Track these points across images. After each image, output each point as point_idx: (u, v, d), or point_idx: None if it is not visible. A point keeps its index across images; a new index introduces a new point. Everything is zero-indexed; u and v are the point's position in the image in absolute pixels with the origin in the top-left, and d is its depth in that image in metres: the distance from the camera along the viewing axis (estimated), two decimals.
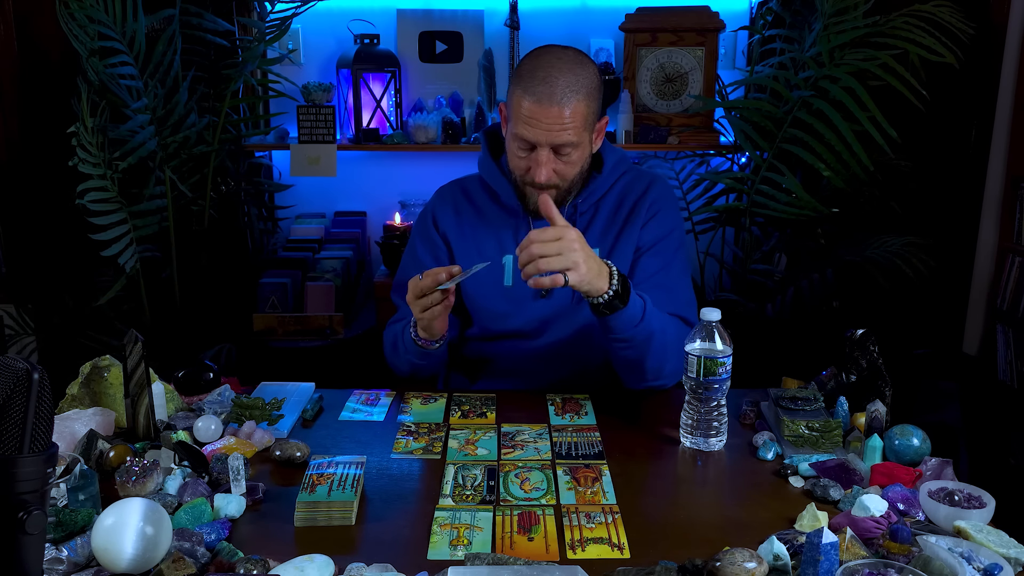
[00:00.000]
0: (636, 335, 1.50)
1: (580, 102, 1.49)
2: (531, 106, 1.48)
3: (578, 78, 1.50)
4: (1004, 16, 2.73)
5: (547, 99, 1.47)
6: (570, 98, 1.48)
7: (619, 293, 1.44)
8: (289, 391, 1.58)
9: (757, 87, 2.76)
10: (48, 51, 2.73)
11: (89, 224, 2.44)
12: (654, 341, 1.52)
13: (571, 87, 1.49)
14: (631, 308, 1.46)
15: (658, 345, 1.53)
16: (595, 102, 1.54)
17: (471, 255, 1.68)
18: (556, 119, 1.48)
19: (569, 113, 1.48)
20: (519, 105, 1.50)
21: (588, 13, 3.00)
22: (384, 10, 2.98)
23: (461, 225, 1.71)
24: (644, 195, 1.68)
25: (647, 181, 1.71)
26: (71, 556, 1.02)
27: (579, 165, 1.57)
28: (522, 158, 1.55)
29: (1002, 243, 2.84)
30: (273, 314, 2.75)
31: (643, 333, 1.50)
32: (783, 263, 2.84)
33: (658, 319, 1.52)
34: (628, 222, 1.66)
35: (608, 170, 1.66)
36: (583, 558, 1.08)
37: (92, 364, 1.44)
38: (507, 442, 1.40)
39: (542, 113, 1.48)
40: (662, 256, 1.65)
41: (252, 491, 1.21)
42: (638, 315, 1.48)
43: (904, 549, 1.03)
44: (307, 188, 3.08)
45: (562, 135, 1.49)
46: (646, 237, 1.65)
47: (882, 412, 1.35)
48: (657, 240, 1.65)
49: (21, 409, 0.78)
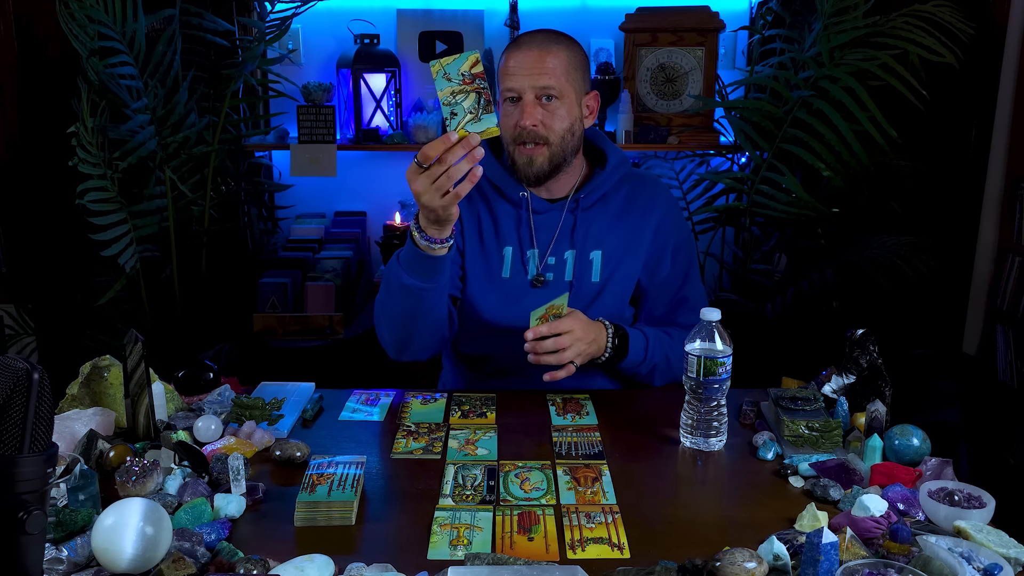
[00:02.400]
0: (641, 371, 1.64)
1: (560, 51, 1.57)
2: (514, 57, 1.57)
3: (559, 37, 1.61)
4: (1004, 16, 2.73)
5: (527, 45, 1.57)
6: (550, 45, 1.57)
7: (617, 347, 1.58)
8: (289, 391, 1.57)
9: (757, 87, 2.76)
10: (48, 51, 2.73)
11: (89, 224, 2.44)
12: (658, 370, 1.65)
13: (551, 39, 1.59)
14: (633, 354, 1.60)
15: (662, 370, 1.66)
16: (579, 66, 1.61)
17: (474, 240, 1.69)
18: (536, 62, 1.55)
19: (550, 58, 1.55)
20: (505, 66, 1.58)
21: (588, 13, 3.00)
22: (384, 10, 2.98)
23: (470, 204, 1.71)
24: (651, 204, 1.71)
25: (651, 188, 1.74)
26: (71, 556, 1.02)
27: (565, 120, 1.58)
28: (510, 115, 1.59)
29: (1002, 243, 2.83)
30: (273, 314, 2.75)
31: (647, 368, 1.64)
32: (783, 263, 2.84)
33: (662, 350, 1.64)
34: (637, 232, 1.69)
35: (612, 167, 1.68)
36: (583, 558, 1.08)
37: (92, 364, 1.44)
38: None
39: (523, 58, 1.56)
40: (678, 269, 1.72)
41: (252, 491, 1.21)
42: (640, 356, 1.61)
43: (904, 549, 1.03)
44: (307, 188, 3.08)
45: (543, 78, 1.55)
46: (662, 251, 1.71)
47: (882, 412, 1.35)
48: (674, 255, 1.71)
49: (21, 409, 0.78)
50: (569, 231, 1.67)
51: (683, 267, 1.72)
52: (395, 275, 1.50)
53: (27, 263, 2.81)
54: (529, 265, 1.67)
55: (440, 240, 1.43)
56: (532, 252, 1.67)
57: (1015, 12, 2.72)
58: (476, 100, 1.28)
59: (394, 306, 1.54)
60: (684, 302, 1.70)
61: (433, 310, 1.54)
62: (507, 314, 1.67)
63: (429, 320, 1.55)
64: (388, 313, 1.57)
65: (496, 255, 1.68)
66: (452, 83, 1.28)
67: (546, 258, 1.67)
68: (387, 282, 1.55)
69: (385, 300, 1.57)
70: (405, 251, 1.49)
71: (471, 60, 1.28)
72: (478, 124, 1.30)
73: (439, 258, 1.45)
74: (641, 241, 1.68)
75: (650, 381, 1.67)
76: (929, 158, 2.76)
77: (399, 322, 1.56)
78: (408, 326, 1.56)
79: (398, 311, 1.54)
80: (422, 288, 1.48)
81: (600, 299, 1.66)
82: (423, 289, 1.48)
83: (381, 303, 1.59)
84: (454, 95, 1.28)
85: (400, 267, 1.49)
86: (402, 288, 1.49)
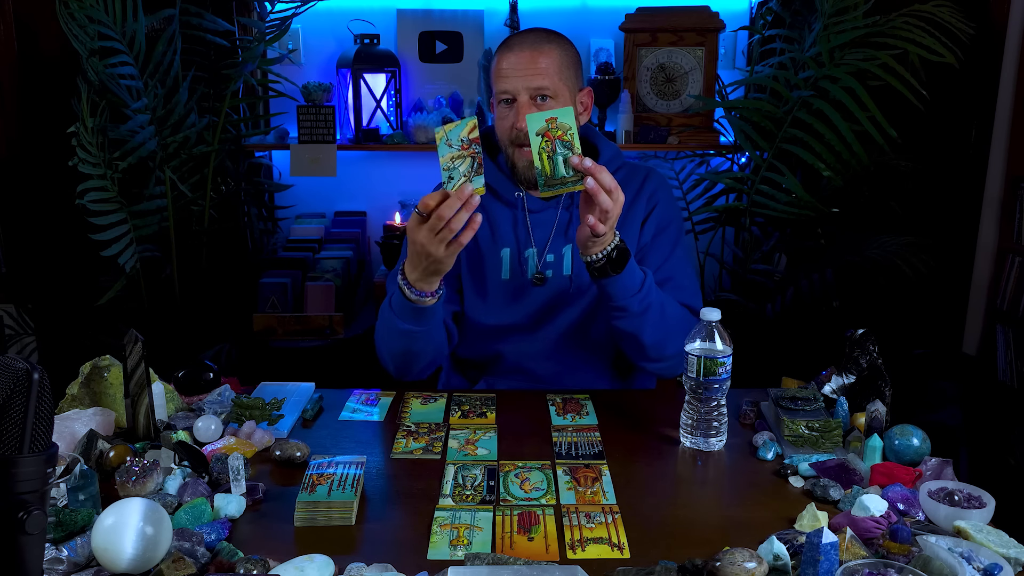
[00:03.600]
0: (631, 305, 1.51)
1: (553, 50, 1.57)
2: (506, 59, 1.57)
3: (550, 36, 1.61)
4: (1004, 16, 2.73)
5: (518, 46, 1.57)
6: (542, 45, 1.57)
7: (612, 259, 1.46)
8: (289, 391, 1.58)
9: (757, 87, 2.76)
10: (48, 51, 2.73)
11: (89, 224, 2.44)
12: (650, 314, 1.53)
13: (543, 38, 1.59)
14: (627, 277, 1.48)
15: (655, 319, 1.54)
16: (571, 64, 1.61)
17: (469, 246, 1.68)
18: (529, 63, 1.55)
19: (542, 58, 1.56)
20: (497, 68, 1.58)
21: (588, 13, 3.00)
22: (384, 10, 2.98)
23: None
24: (641, 188, 1.70)
25: (643, 174, 1.73)
26: (71, 556, 1.02)
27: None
28: (506, 117, 1.60)
29: (1002, 243, 2.84)
30: (273, 314, 2.75)
31: (640, 304, 1.52)
32: (783, 263, 2.84)
33: (658, 295, 1.55)
34: (628, 217, 1.67)
35: (604, 162, 1.67)
36: (583, 558, 1.08)
37: (92, 364, 1.44)
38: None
39: (516, 60, 1.56)
40: (663, 249, 1.67)
41: (252, 491, 1.21)
42: (636, 285, 1.50)
43: (904, 549, 1.03)
44: (307, 188, 3.08)
45: (536, 79, 1.55)
46: (647, 233, 1.68)
47: (882, 412, 1.35)
48: (657, 233, 1.68)
49: (21, 409, 0.78)
50: (565, 227, 1.67)
51: (669, 244, 1.67)
52: (388, 318, 1.53)
53: (27, 263, 2.81)
54: (528, 264, 1.67)
55: (430, 293, 1.46)
56: (531, 251, 1.67)
57: (1015, 12, 2.72)
58: (470, 164, 1.35)
59: (391, 342, 1.57)
60: (669, 281, 1.64)
61: (430, 343, 1.57)
62: (508, 315, 1.67)
63: (427, 350, 1.59)
64: (387, 345, 1.60)
65: (493, 258, 1.68)
66: (452, 149, 1.34)
67: (544, 256, 1.67)
68: (383, 320, 1.58)
69: (383, 334, 1.59)
70: (396, 301, 1.50)
71: (469, 126, 1.34)
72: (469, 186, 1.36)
73: (431, 307, 1.48)
74: (633, 225, 1.67)
75: (640, 331, 1.54)
76: (929, 158, 2.76)
77: (398, 354, 1.59)
78: (407, 357, 1.59)
79: (396, 347, 1.58)
80: (415, 331, 1.52)
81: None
82: (416, 332, 1.52)
83: (380, 336, 1.61)
84: (453, 160, 1.35)
85: (392, 313, 1.52)
86: (396, 330, 1.53)
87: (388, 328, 1.55)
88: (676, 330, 1.52)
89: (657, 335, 1.56)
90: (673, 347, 1.55)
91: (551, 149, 1.38)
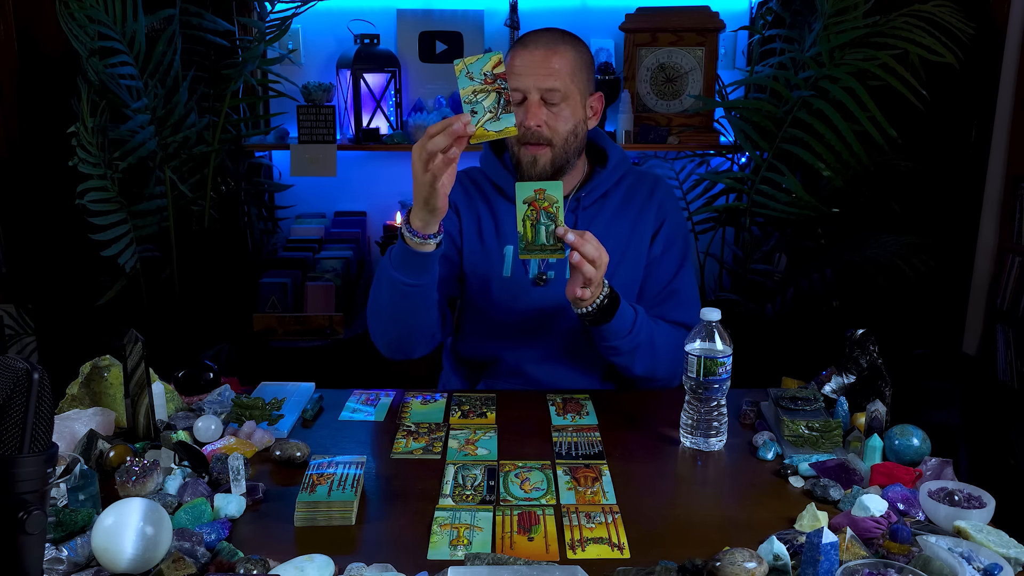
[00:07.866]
0: (622, 345, 1.55)
1: (567, 51, 1.56)
2: (519, 57, 1.56)
3: (566, 37, 1.60)
4: (1004, 16, 2.73)
5: (533, 45, 1.57)
6: (556, 45, 1.56)
7: (603, 307, 1.48)
8: (289, 391, 1.58)
9: (757, 87, 2.76)
10: (48, 51, 2.73)
11: (89, 224, 2.44)
12: (641, 350, 1.57)
13: (557, 38, 1.58)
14: (618, 322, 1.52)
15: (646, 353, 1.58)
16: (584, 67, 1.60)
17: (474, 239, 1.69)
18: (542, 62, 1.54)
19: (556, 59, 1.55)
20: (511, 65, 1.57)
21: (588, 13, 3.00)
22: (384, 10, 2.98)
23: (470, 203, 1.71)
24: (651, 198, 1.70)
25: (651, 183, 1.73)
26: (71, 556, 1.02)
27: (570, 122, 1.58)
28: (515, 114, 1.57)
29: (1002, 243, 2.84)
30: (273, 314, 2.75)
31: (630, 344, 1.55)
32: (783, 263, 2.84)
33: (648, 331, 1.57)
34: (637, 227, 1.68)
35: (612, 165, 1.68)
36: (583, 558, 1.08)
37: (92, 364, 1.44)
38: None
39: (529, 58, 1.55)
40: (671, 265, 1.69)
41: (252, 491, 1.21)
42: (627, 327, 1.54)
43: (904, 549, 1.03)
44: (307, 188, 3.08)
45: (548, 80, 1.54)
46: (657, 247, 1.69)
47: (882, 412, 1.35)
48: (666, 249, 1.69)
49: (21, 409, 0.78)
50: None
51: (677, 259, 1.69)
52: (385, 271, 1.53)
53: (27, 263, 2.81)
54: (531, 264, 1.67)
55: (429, 236, 1.44)
56: None
57: (1015, 12, 2.72)
58: (496, 100, 1.32)
59: (383, 303, 1.56)
60: (675, 295, 1.67)
61: (421, 309, 1.55)
62: (509, 313, 1.67)
63: (418, 320, 1.57)
64: (378, 310, 1.58)
65: (497, 254, 1.68)
66: (474, 82, 1.32)
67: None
68: (377, 279, 1.57)
69: (375, 297, 1.58)
70: (396, 249, 1.51)
71: (494, 60, 1.32)
72: (497, 123, 1.34)
73: (428, 255, 1.46)
74: (642, 236, 1.68)
75: (631, 365, 1.58)
76: (929, 158, 2.76)
77: (388, 320, 1.58)
78: (397, 324, 1.58)
79: (387, 309, 1.56)
80: (410, 285, 1.50)
81: None
82: (411, 286, 1.50)
83: (372, 300, 1.60)
84: (475, 94, 1.32)
85: (390, 264, 1.51)
86: (391, 284, 1.51)
87: (383, 285, 1.54)
88: (667, 358, 1.57)
89: (647, 365, 1.60)
90: (664, 371, 1.61)
91: (535, 218, 1.41)
